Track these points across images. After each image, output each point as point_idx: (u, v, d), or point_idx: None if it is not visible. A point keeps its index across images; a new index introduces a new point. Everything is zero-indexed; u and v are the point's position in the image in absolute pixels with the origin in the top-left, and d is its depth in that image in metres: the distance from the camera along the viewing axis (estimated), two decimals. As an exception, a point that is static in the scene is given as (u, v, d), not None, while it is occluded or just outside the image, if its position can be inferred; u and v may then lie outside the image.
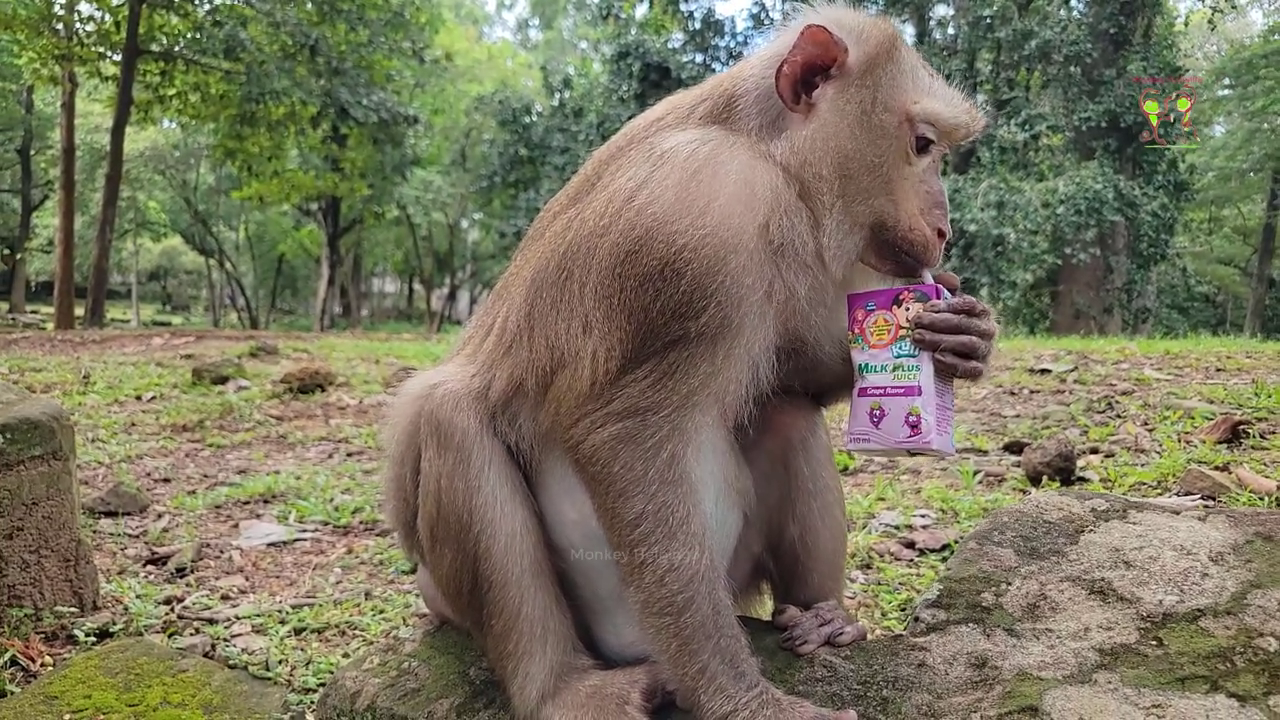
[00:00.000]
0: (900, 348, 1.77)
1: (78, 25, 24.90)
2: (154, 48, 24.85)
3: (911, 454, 1.80)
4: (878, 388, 1.80)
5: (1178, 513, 2.02)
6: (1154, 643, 1.69)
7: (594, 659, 1.92)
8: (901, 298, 1.78)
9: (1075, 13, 24.97)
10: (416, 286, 58.74)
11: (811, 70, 1.76)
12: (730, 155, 1.71)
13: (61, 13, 24.63)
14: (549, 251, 1.82)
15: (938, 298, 1.77)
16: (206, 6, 24.77)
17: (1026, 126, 23.22)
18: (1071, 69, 23.46)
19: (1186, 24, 29.38)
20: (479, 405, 1.85)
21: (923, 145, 1.79)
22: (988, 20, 24.61)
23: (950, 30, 29.78)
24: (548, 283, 1.79)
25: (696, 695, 1.64)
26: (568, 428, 1.72)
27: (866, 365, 1.81)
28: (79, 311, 25.04)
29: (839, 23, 1.79)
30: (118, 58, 24.44)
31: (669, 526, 1.64)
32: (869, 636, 1.98)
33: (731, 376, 1.67)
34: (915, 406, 1.73)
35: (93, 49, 24.65)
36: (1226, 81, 32.75)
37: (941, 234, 1.78)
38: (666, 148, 1.73)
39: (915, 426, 1.72)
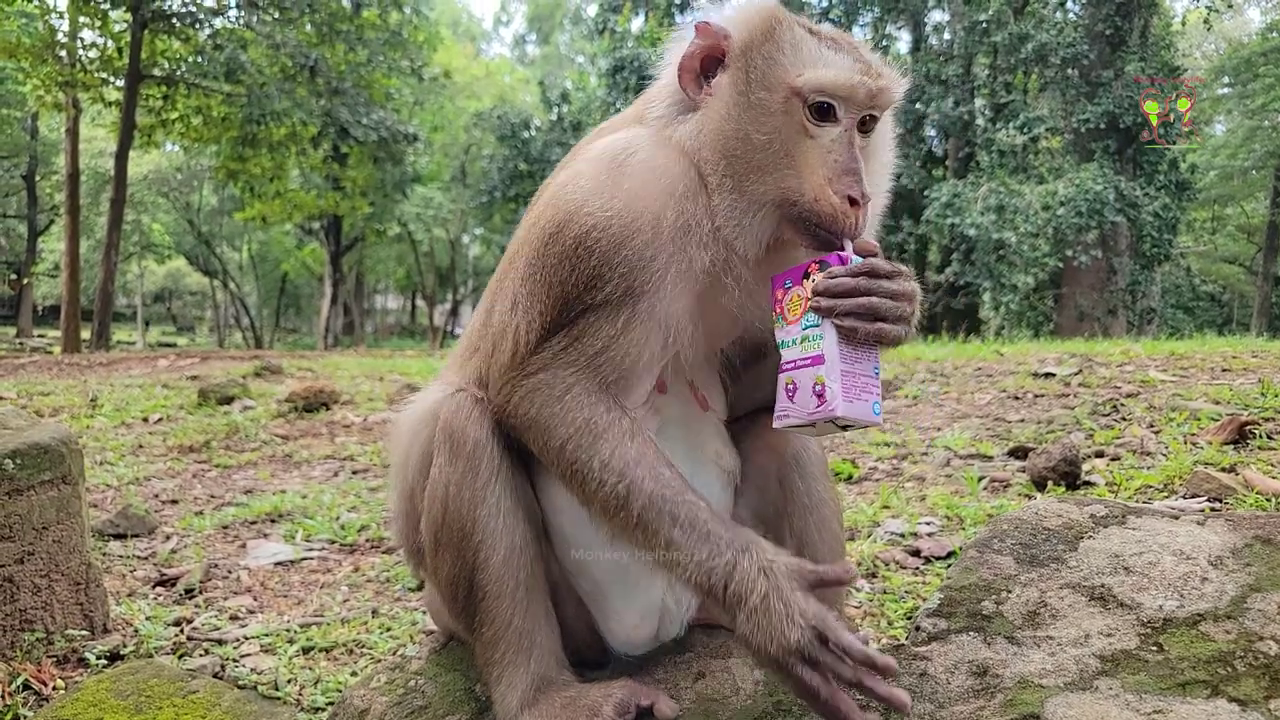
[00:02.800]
0: (808, 319, 1.76)
1: (81, 52, 25.08)
2: (156, 72, 25.03)
3: (841, 427, 1.74)
4: (790, 362, 1.78)
5: (1177, 517, 2.03)
6: (1154, 648, 1.70)
7: (578, 674, 1.97)
8: (810, 270, 1.77)
9: (1071, 15, 25.03)
10: (419, 302, 58.90)
11: (712, 62, 1.87)
12: (639, 146, 1.87)
13: (65, 40, 24.82)
14: (505, 255, 2.00)
15: (843, 265, 1.76)
16: (207, 30, 24.94)
17: (1025, 129, 23.22)
18: (1069, 71, 23.50)
19: (1184, 24, 29.42)
20: (489, 414, 1.90)
21: (822, 115, 1.79)
22: (983, 25, 24.67)
23: (946, 35, 29.88)
24: (496, 279, 2.00)
25: (673, 571, 1.69)
26: (495, 399, 1.88)
27: (783, 342, 1.81)
28: (85, 335, 25.15)
29: (729, 14, 1.88)
30: (120, 83, 24.61)
31: (593, 434, 1.74)
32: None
33: (634, 339, 1.78)
34: (820, 375, 1.71)
35: (96, 75, 24.81)
36: (1226, 80, 32.80)
37: (853, 201, 1.75)
38: (595, 147, 1.93)
39: (821, 396, 1.70)
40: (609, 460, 1.71)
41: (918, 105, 27.33)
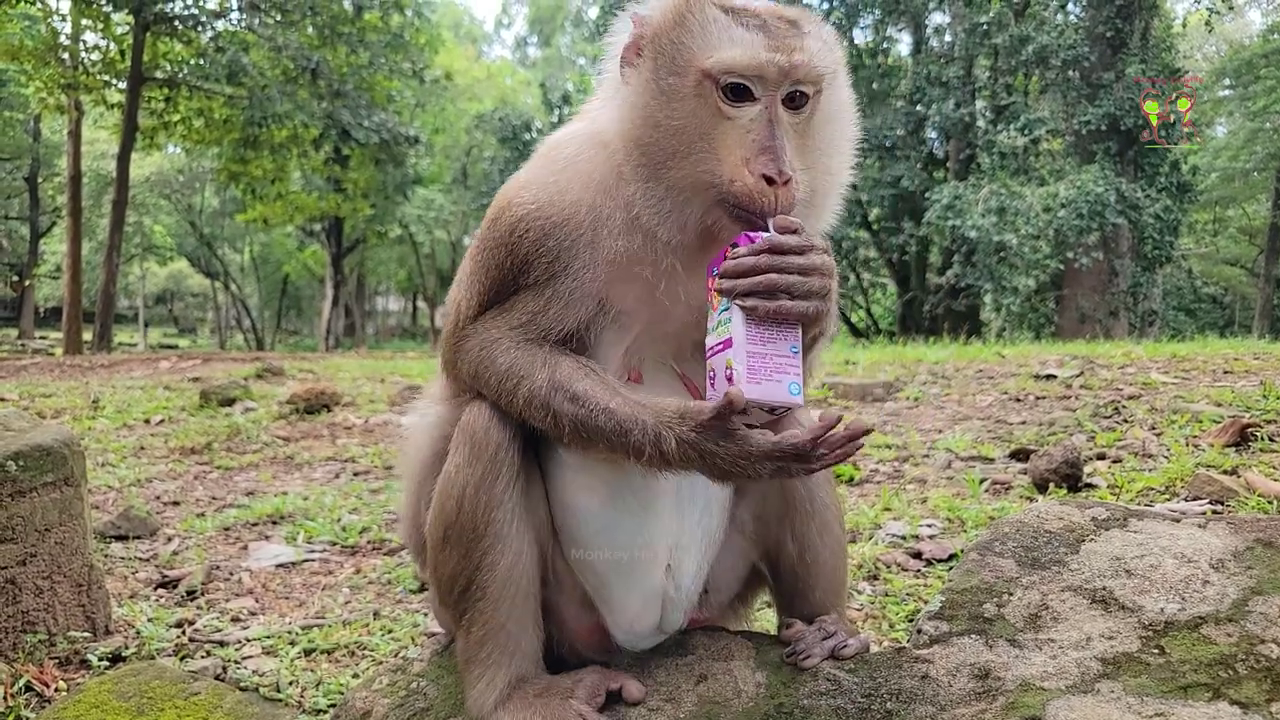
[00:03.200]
0: (722, 303, 1.73)
1: (83, 54, 25.12)
2: (158, 74, 25.06)
3: (768, 411, 1.70)
4: (710, 349, 1.77)
5: (1178, 520, 2.03)
6: (1156, 651, 1.70)
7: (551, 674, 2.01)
8: (728, 254, 1.74)
9: (1072, 17, 25.03)
10: (420, 304, 58.95)
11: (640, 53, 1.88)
12: (569, 140, 2.01)
13: (67, 42, 24.86)
14: None
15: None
16: (209, 33, 24.96)
17: (1026, 131, 23.21)
18: (1070, 73, 23.49)
19: (1184, 26, 29.43)
20: (511, 419, 1.93)
21: (738, 95, 1.76)
22: (984, 27, 24.67)
23: (947, 37, 29.89)
24: None
25: (619, 458, 1.78)
26: (445, 365, 2.06)
27: (709, 329, 1.78)
28: (87, 336, 25.17)
29: (653, 5, 1.89)
30: (123, 85, 24.66)
31: (515, 376, 1.86)
32: (874, 648, 1.99)
33: (553, 315, 1.89)
34: (729, 359, 1.69)
35: (98, 77, 24.86)
36: (1227, 82, 32.80)
37: (769, 179, 1.71)
38: (542, 143, 2.10)
39: (730, 380, 1.68)
40: (531, 397, 1.83)
41: (919, 107, 27.36)
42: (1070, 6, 25.59)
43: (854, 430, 1.66)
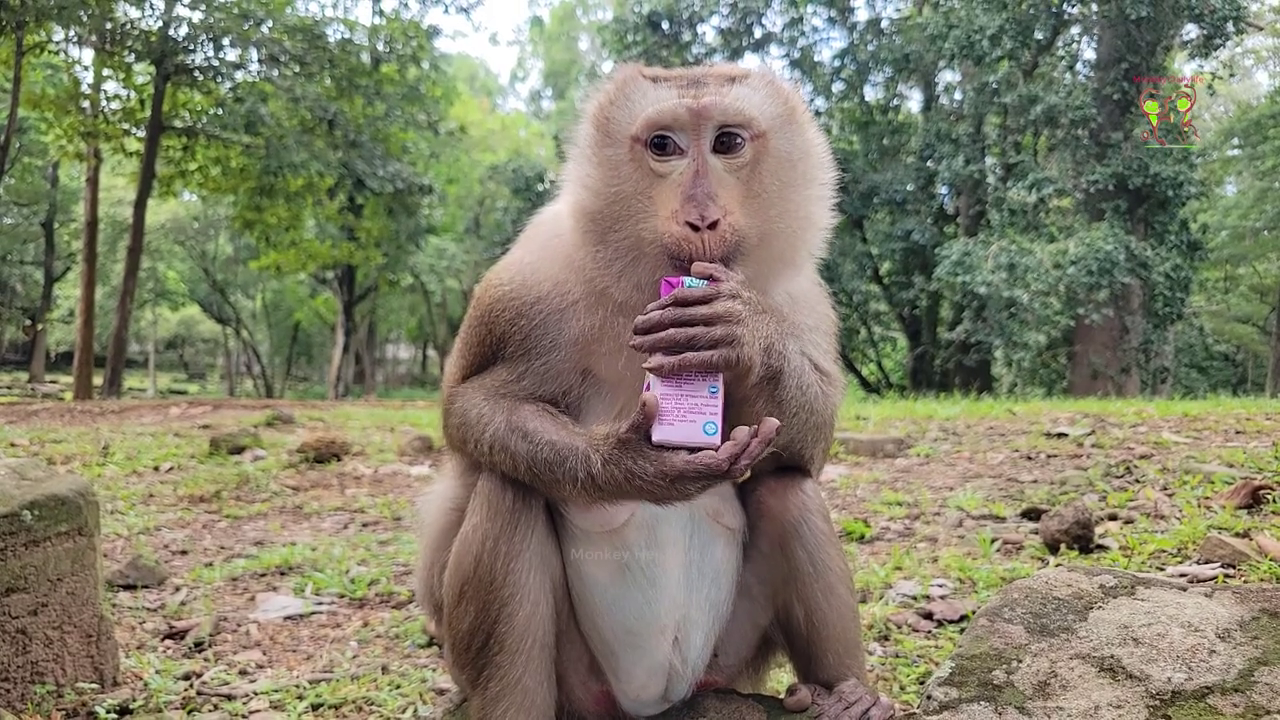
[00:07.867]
0: None
1: (104, 103, 25.61)
2: (177, 124, 25.51)
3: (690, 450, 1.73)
4: (645, 386, 1.78)
5: (1184, 589, 2.03)
6: (1165, 721, 1.70)
7: None
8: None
9: (1080, 78, 25.33)
10: (430, 352, 59.13)
11: None
12: (546, 220, 2.17)
13: (88, 91, 25.35)
14: None
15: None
16: (229, 84, 25.43)
17: (1034, 189, 23.37)
18: (1078, 132, 23.70)
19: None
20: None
21: (664, 151, 1.83)
22: (993, 86, 24.98)
23: (957, 95, 30.27)
24: None
25: (568, 492, 1.84)
26: (442, 435, 2.18)
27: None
28: (97, 380, 25.31)
29: (596, 87, 2.04)
30: (142, 134, 25.08)
31: (483, 424, 1.97)
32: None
33: (525, 385, 2.01)
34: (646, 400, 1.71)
35: (118, 126, 25.31)
36: (1236, 141, 33.07)
37: (694, 226, 1.75)
38: (528, 224, 2.25)
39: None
40: (494, 440, 1.92)
41: (929, 163, 27.64)
42: (1078, 67, 25.93)
43: (765, 434, 1.69)
